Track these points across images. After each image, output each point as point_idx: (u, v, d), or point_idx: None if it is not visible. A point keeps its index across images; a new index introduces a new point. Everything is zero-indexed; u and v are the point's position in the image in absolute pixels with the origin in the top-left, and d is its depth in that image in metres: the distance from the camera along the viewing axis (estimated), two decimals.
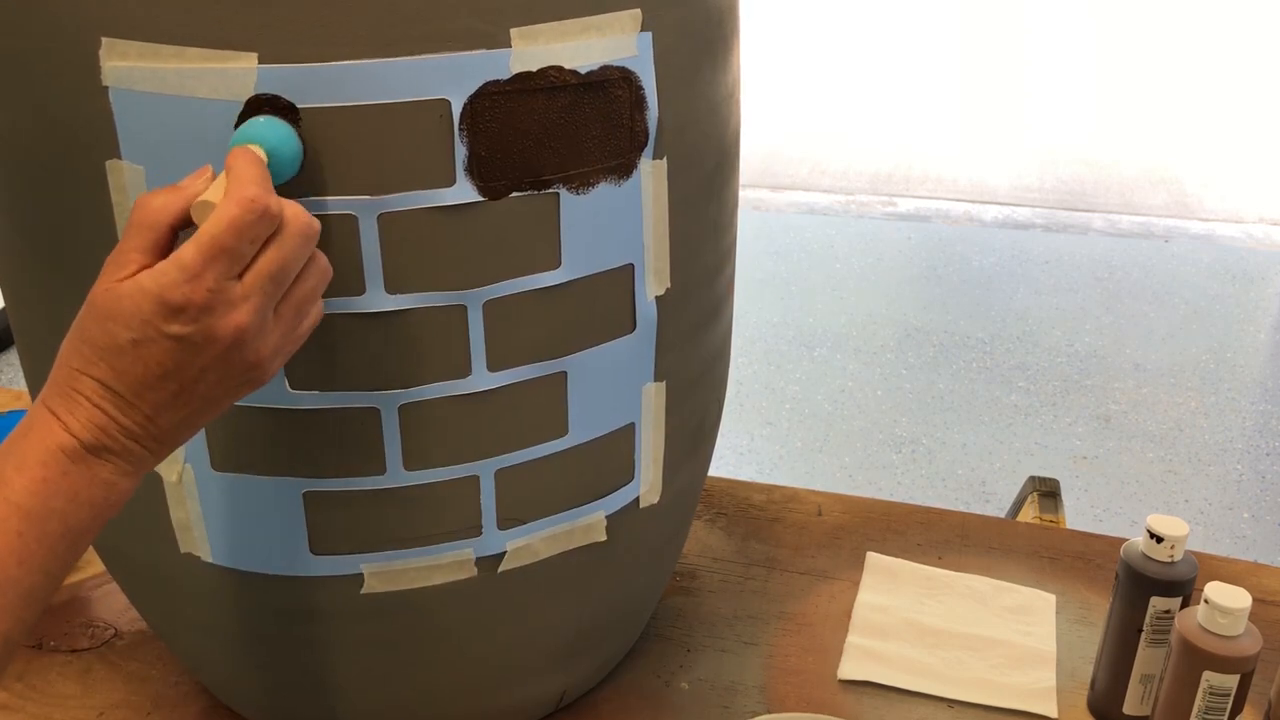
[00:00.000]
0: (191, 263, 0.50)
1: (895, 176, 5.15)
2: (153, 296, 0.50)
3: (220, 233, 0.50)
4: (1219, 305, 3.75)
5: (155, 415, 0.52)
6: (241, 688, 0.82)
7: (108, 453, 0.52)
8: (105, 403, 0.51)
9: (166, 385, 0.52)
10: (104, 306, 0.51)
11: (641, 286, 0.71)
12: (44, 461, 0.50)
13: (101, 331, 0.51)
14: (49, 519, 0.50)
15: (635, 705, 0.87)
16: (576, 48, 0.62)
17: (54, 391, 0.52)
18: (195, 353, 0.51)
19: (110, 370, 0.51)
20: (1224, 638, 0.73)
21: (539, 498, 0.72)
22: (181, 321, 0.50)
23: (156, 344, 0.51)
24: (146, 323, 0.50)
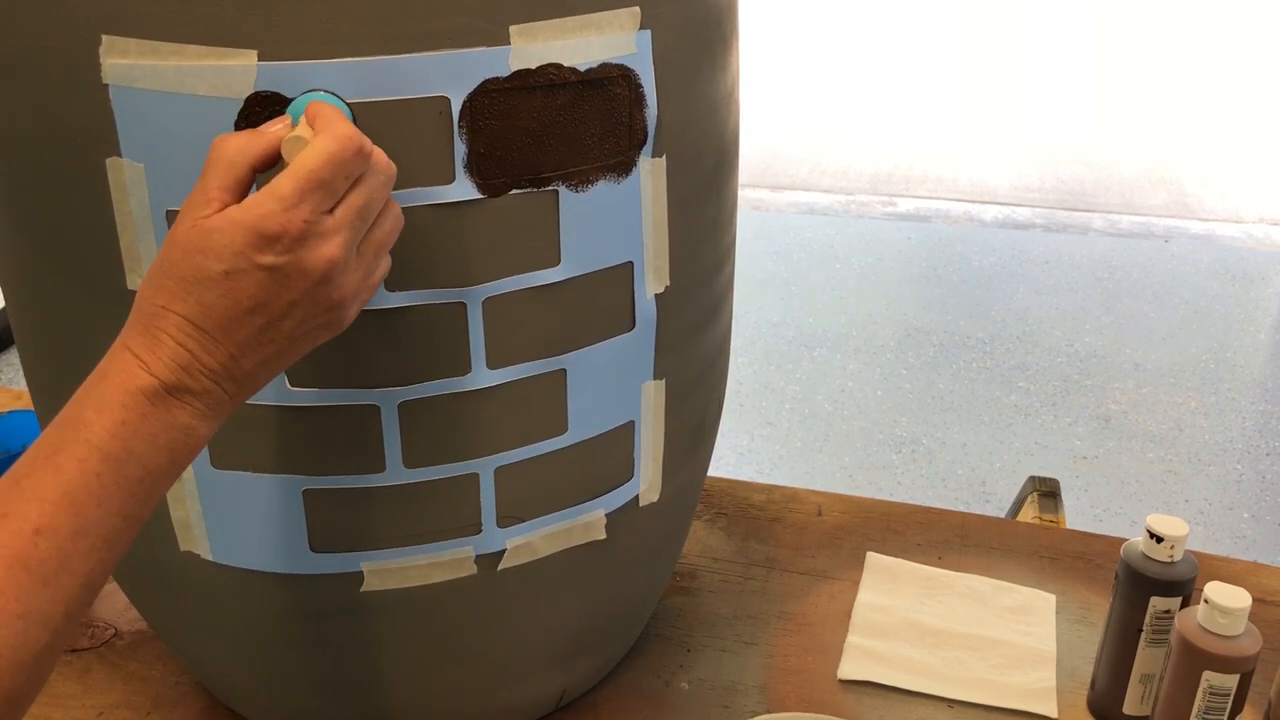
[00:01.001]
0: (289, 193, 0.50)
1: (895, 176, 5.15)
2: (246, 227, 0.50)
3: (318, 165, 0.51)
4: (1219, 305, 3.75)
5: (239, 354, 0.52)
6: (241, 688, 0.82)
7: (188, 394, 0.51)
8: (189, 340, 0.51)
9: (253, 320, 0.51)
10: (192, 240, 0.51)
11: (641, 285, 0.71)
12: (124, 404, 0.50)
13: (190, 265, 0.50)
14: (128, 462, 0.49)
15: (635, 705, 0.87)
16: (576, 45, 0.62)
17: (134, 331, 0.51)
18: (285, 285, 0.51)
19: (197, 304, 0.51)
20: (1224, 638, 0.73)
21: (539, 496, 0.72)
22: (275, 252, 0.50)
23: (248, 275, 0.50)
24: (239, 254, 0.50)
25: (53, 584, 0.47)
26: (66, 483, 0.48)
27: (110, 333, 0.65)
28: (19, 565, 0.46)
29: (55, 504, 0.47)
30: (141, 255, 0.62)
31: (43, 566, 0.47)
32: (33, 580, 0.46)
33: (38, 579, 0.46)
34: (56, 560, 0.47)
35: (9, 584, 0.46)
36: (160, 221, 0.60)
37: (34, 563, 0.46)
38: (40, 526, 0.47)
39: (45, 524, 0.47)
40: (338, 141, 0.51)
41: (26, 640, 0.46)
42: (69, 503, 0.48)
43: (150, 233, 0.61)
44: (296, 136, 0.52)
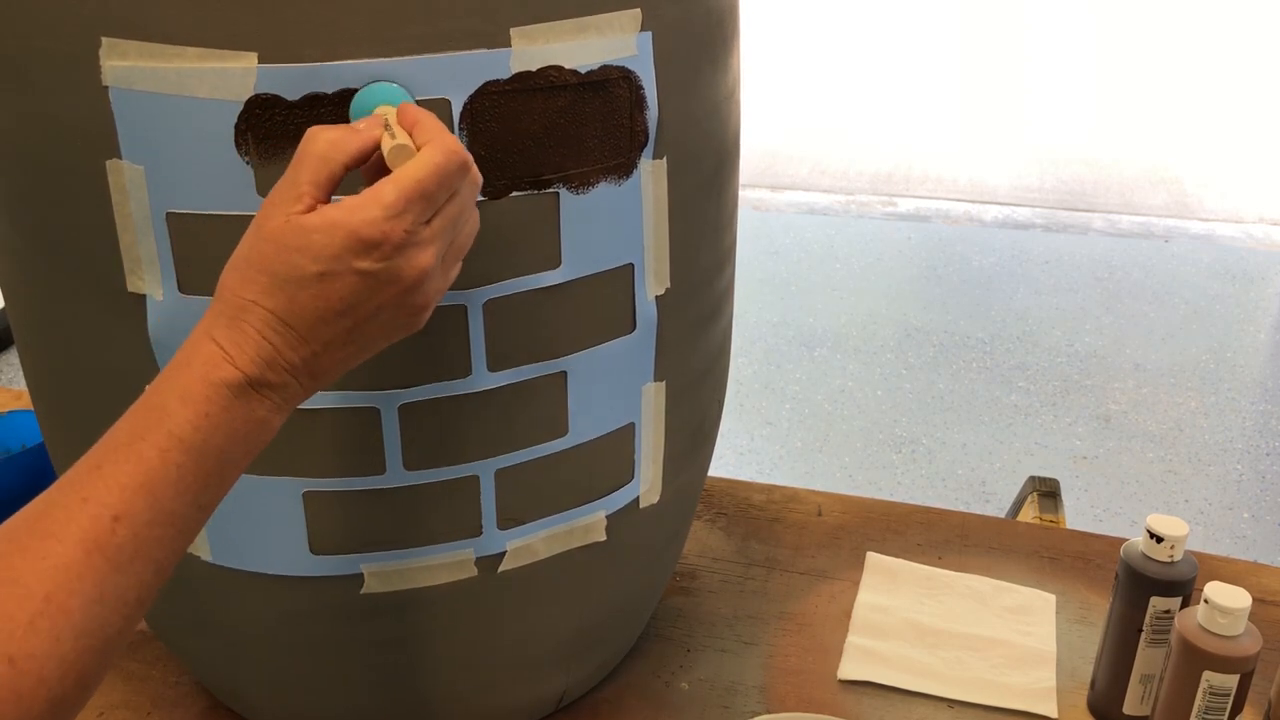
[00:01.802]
0: (394, 202, 0.51)
1: (895, 176, 5.15)
2: (347, 231, 0.50)
3: (425, 176, 0.51)
4: (1219, 305, 3.75)
5: (322, 352, 0.52)
6: (241, 688, 0.82)
7: (268, 388, 0.52)
8: (276, 336, 0.51)
9: (341, 321, 0.52)
10: (288, 238, 0.51)
11: (641, 286, 0.71)
12: (207, 396, 0.50)
13: (284, 262, 0.51)
14: (207, 454, 0.50)
15: (635, 705, 0.87)
16: (576, 47, 0.62)
17: (220, 322, 0.51)
18: (377, 290, 0.52)
19: (288, 302, 0.51)
20: (1224, 638, 0.73)
21: (539, 497, 0.72)
22: (373, 258, 0.51)
23: (342, 279, 0.51)
24: (336, 257, 0.50)
25: (127, 570, 0.47)
26: (147, 471, 0.48)
27: (110, 333, 0.65)
28: (97, 550, 0.46)
29: (135, 492, 0.48)
30: (141, 256, 0.62)
31: (119, 553, 0.47)
32: (109, 566, 0.47)
33: (114, 565, 0.47)
34: (133, 547, 0.47)
35: (87, 569, 0.46)
36: (160, 223, 0.61)
37: (111, 549, 0.47)
38: (119, 513, 0.47)
39: (124, 511, 0.47)
40: (445, 155, 0.52)
41: (101, 624, 0.46)
42: (148, 491, 0.48)
43: (150, 234, 0.61)
44: (402, 145, 0.52)
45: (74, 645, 0.45)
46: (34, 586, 0.45)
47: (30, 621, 0.44)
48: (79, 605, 0.45)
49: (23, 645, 0.44)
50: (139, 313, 0.63)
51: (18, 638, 0.44)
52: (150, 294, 0.63)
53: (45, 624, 0.44)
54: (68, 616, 0.45)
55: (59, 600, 0.45)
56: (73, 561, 0.46)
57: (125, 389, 0.66)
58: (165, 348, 0.64)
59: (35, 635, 0.44)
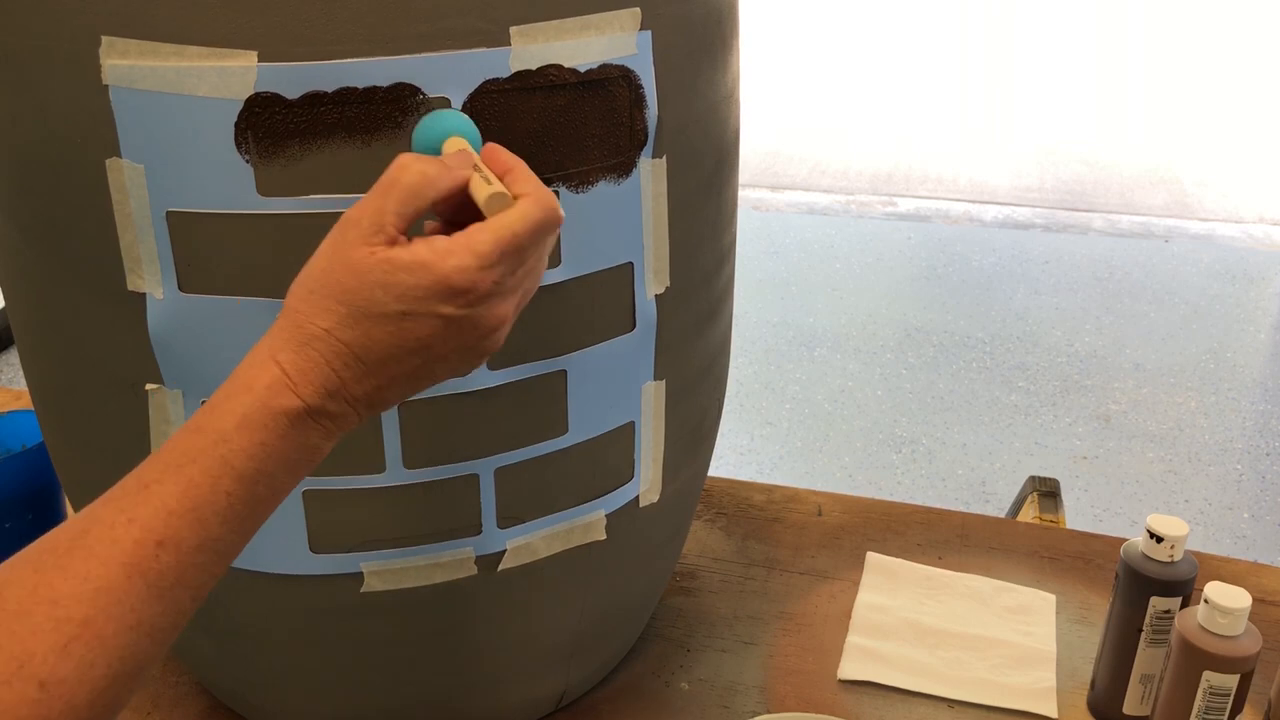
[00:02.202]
0: (488, 253, 0.50)
1: (895, 176, 5.15)
2: (437, 277, 0.50)
3: (523, 232, 0.51)
4: (1219, 305, 3.75)
5: (385, 386, 0.52)
6: (241, 687, 0.82)
7: (325, 417, 0.51)
8: (344, 368, 0.50)
9: (411, 360, 0.51)
10: (374, 274, 0.50)
11: (641, 285, 0.71)
12: (266, 424, 0.49)
13: (365, 297, 0.50)
14: (258, 482, 0.49)
15: (635, 705, 0.87)
16: (576, 46, 0.62)
17: (288, 347, 0.50)
18: (455, 335, 0.51)
19: (364, 336, 0.50)
20: (1224, 638, 0.73)
21: (539, 496, 0.72)
22: (457, 304, 0.50)
23: (424, 320, 0.50)
24: (421, 300, 0.50)
25: (167, 597, 0.46)
26: (196, 498, 0.47)
27: (110, 332, 0.65)
28: (139, 575, 0.45)
29: (182, 518, 0.47)
30: (141, 256, 0.62)
31: (161, 579, 0.46)
32: (150, 592, 0.46)
33: (155, 591, 0.46)
34: (175, 574, 0.46)
35: (127, 594, 0.45)
36: (160, 222, 0.60)
37: (153, 575, 0.46)
38: (164, 539, 0.46)
39: (169, 537, 0.46)
40: (544, 212, 0.52)
41: (134, 651, 0.45)
42: (196, 518, 0.47)
43: (150, 233, 0.61)
44: (500, 193, 0.52)
45: (106, 672, 0.44)
46: (73, 609, 0.44)
47: (65, 646, 0.43)
48: (114, 631, 0.44)
49: (55, 670, 0.43)
50: (139, 312, 0.63)
51: (51, 662, 0.43)
52: (150, 293, 0.63)
53: (80, 649, 0.43)
54: (103, 643, 0.44)
55: (96, 625, 0.44)
56: (113, 585, 0.45)
57: (125, 388, 0.66)
58: (165, 347, 0.64)
59: (69, 660, 0.43)
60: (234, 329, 0.62)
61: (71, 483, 0.77)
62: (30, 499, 0.95)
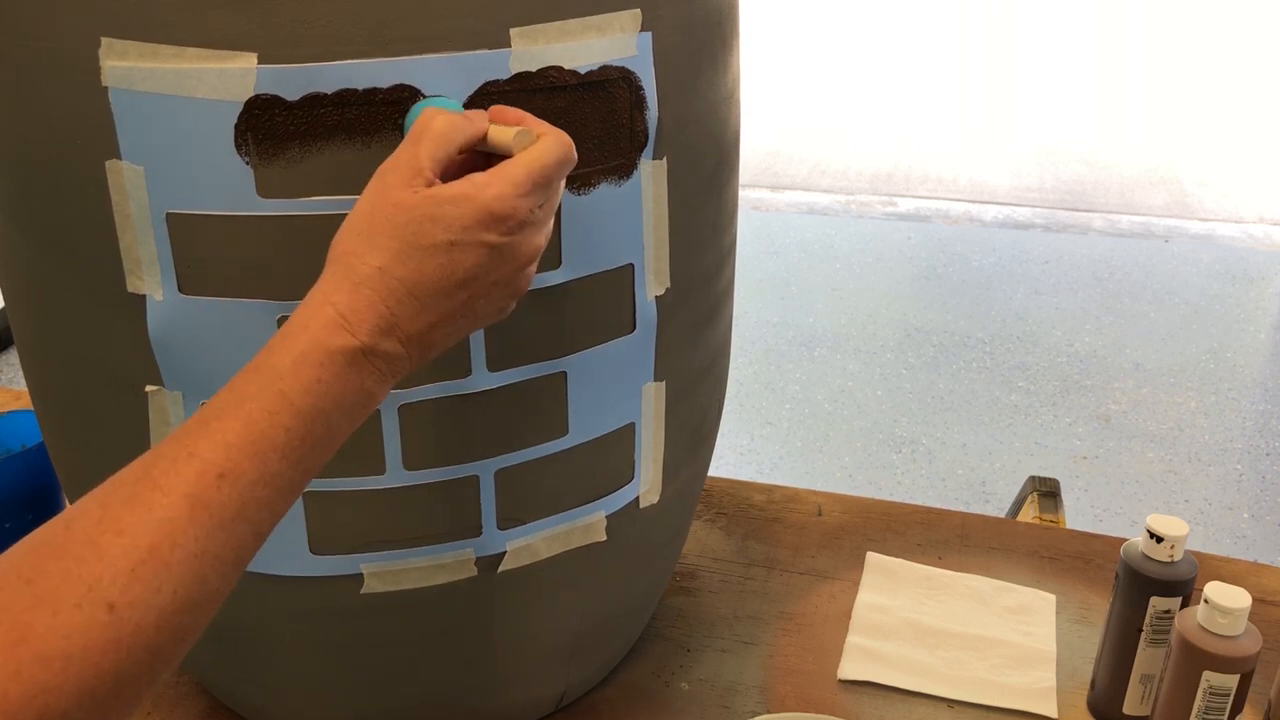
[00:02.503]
0: (523, 180, 0.54)
1: (895, 176, 5.15)
2: (480, 205, 0.53)
3: (550, 164, 0.55)
4: (1219, 305, 3.75)
5: (437, 323, 0.54)
6: (241, 688, 0.82)
7: (379, 357, 0.52)
8: (398, 305, 0.52)
9: (460, 293, 0.54)
10: (422, 208, 0.52)
11: (641, 286, 0.71)
12: (322, 362, 0.50)
13: (415, 231, 0.52)
14: (316, 419, 0.50)
15: (635, 705, 0.87)
16: (576, 48, 0.62)
17: (342, 288, 0.52)
18: (498, 264, 0.54)
19: (415, 271, 0.52)
20: (1224, 638, 0.73)
21: (539, 498, 0.72)
22: (499, 231, 0.53)
23: (470, 249, 0.53)
24: (467, 228, 0.53)
25: (229, 528, 0.48)
26: (255, 432, 0.49)
27: (110, 333, 0.65)
28: (201, 506, 0.47)
29: (242, 451, 0.48)
30: (141, 257, 0.62)
31: (223, 510, 0.47)
32: (213, 523, 0.47)
33: (217, 522, 0.47)
34: (236, 506, 0.48)
35: (189, 524, 0.46)
36: (160, 223, 0.61)
37: (216, 506, 0.47)
38: (225, 471, 0.47)
39: (230, 469, 0.48)
40: (564, 146, 0.56)
41: (199, 580, 0.46)
42: (255, 452, 0.48)
43: (150, 234, 0.61)
44: (525, 130, 0.56)
45: (172, 598, 0.45)
46: (139, 537, 0.45)
47: (132, 570, 0.44)
48: (179, 559, 0.46)
49: (124, 593, 0.44)
50: (139, 313, 0.63)
51: (119, 585, 0.44)
52: (150, 294, 0.63)
53: (146, 574, 0.45)
54: (168, 569, 0.45)
55: (161, 553, 0.45)
56: (177, 515, 0.46)
57: (125, 389, 0.66)
58: (165, 348, 0.64)
59: (136, 584, 0.44)
60: (234, 331, 0.62)
61: (71, 483, 0.77)
62: (30, 499, 0.95)
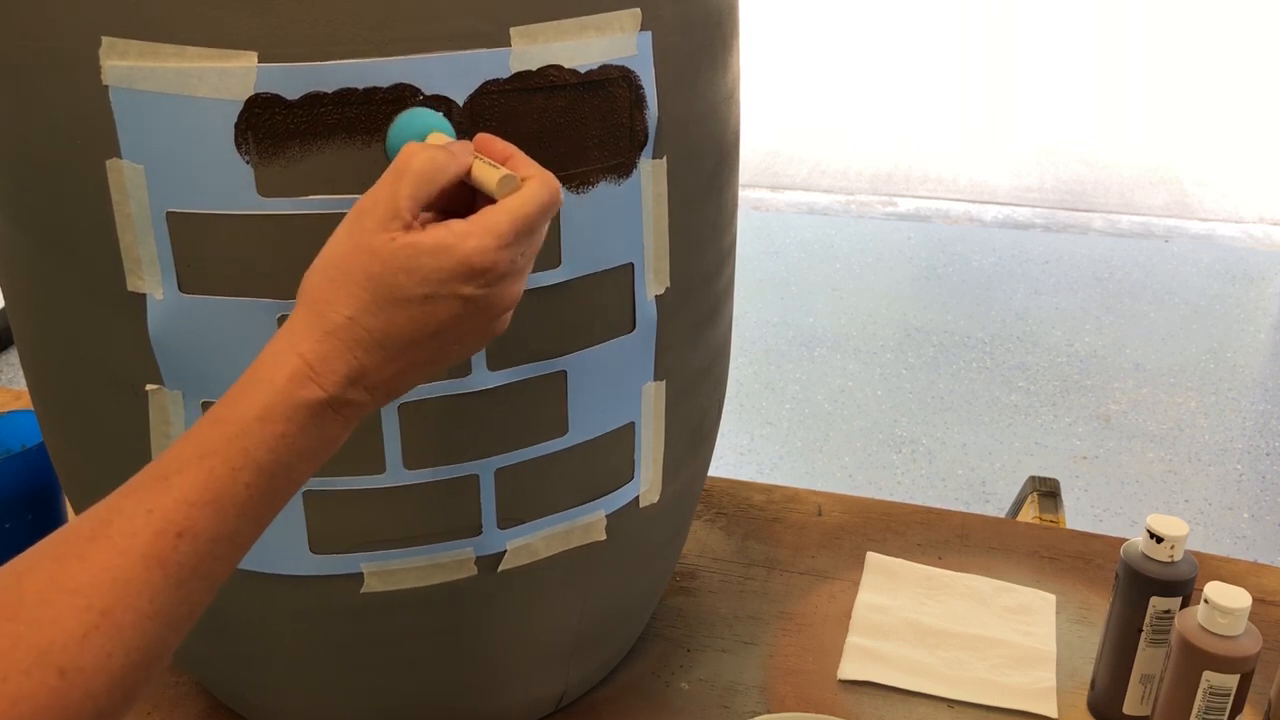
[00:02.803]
0: (505, 232, 0.52)
1: (895, 176, 5.15)
2: (459, 258, 0.51)
3: (533, 212, 0.53)
4: (1219, 305, 3.75)
5: (404, 371, 0.52)
6: (241, 688, 0.82)
7: (346, 406, 0.51)
8: (366, 355, 0.51)
9: (431, 343, 0.52)
10: (397, 259, 0.50)
11: (641, 286, 0.71)
12: (288, 416, 0.49)
13: (388, 282, 0.50)
14: (277, 474, 0.49)
15: (635, 705, 0.87)
16: (576, 47, 0.62)
17: (310, 337, 0.51)
18: (473, 315, 0.52)
19: (387, 322, 0.51)
20: (1224, 638, 0.73)
21: (539, 497, 0.72)
22: (477, 284, 0.52)
23: (446, 302, 0.51)
24: (444, 281, 0.51)
25: (185, 587, 0.47)
26: (217, 490, 0.48)
27: (110, 333, 0.65)
28: (157, 566, 0.46)
29: (202, 509, 0.47)
30: (141, 256, 0.62)
31: (179, 569, 0.46)
32: (168, 583, 0.46)
33: (173, 582, 0.46)
34: (192, 564, 0.47)
35: (146, 584, 0.45)
36: (160, 222, 0.61)
37: (172, 565, 0.46)
38: (184, 530, 0.47)
39: (188, 528, 0.47)
40: (550, 192, 0.54)
41: (152, 641, 0.46)
42: (215, 510, 0.48)
43: (150, 234, 0.61)
44: (509, 175, 0.54)
45: (124, 661, 0.44)
46: (93, 599, 0.44)
47: (85, 635, 0.43)
48: (133, 621, 0.45)
49: (75, 659, 0.43)
50: (139, 313, 0.63)
51: (71, 650, 0.43)
52: (150, 294, 0.63)
53: (99, 638, 0.44)
54: (121, 632, 0.44)
55: (115, 615, 0.44)
56: (133, 576, 0.45)
57: (125, 389, 0.66)
58: (165, 348, 0.64)
59: (88, 649, 0.43)
60: (234, 330, 0.62)
61: (71, 483, 0.77)
62: (30, 499, 0.95)
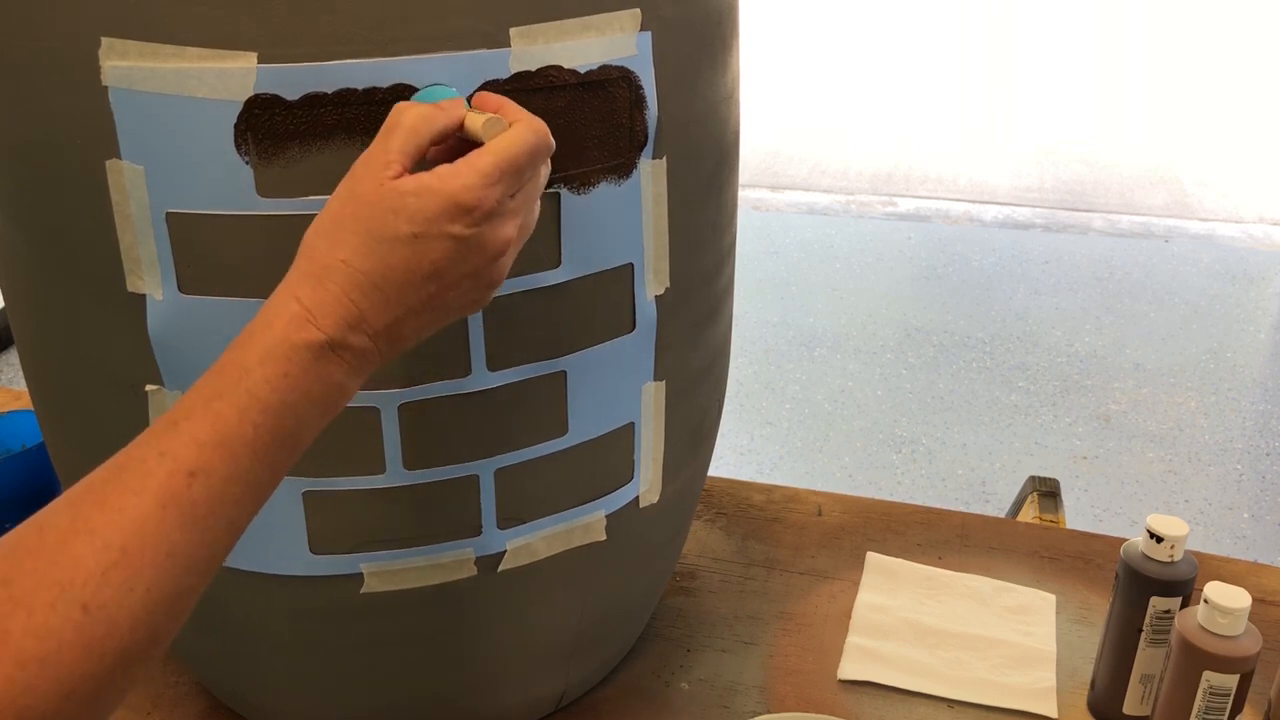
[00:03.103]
0: (489, 170, 0.52)
1: (895, 176, 5.15)
2: (444, 195, 0.52)
3: (519, 151, 0.53)
4: (1219, 305, 3.75)
5: (404, 317, 0.53)
6: (241, 688, 0.82)
7: (349, 351, 0.52)
8: (364, 298, 0.52)
9: (427, 286, 0.53)
10: (384, 200, 0.52)
11: (641, 286, 0.71)
12: (288, 356, 0.50)
13: (378, 224, 0.51)
14: (285, 414, 0.50)
15: (635, 705, 0.87)
16: (576, 47, 0.62)
17: (306, 282, 0.51)
18: (465, 256, 0.53)
19: (380, 263, 0.51)
20: (1224, 638, 0.73)
21: (539, 497, 0.72)
22: (464, 223, 0.52)
23: (435, 242, 0.52)
24: (431, 219, 0.52)
25: (201, 526, 0.48)
26: (224, 429, 0.48)
27: (110, 333, 0.65)
28: (172, 505, 0.47)
29: (212, 449, 0.48)
30: (141, 256, 0.62)
31: (195, 508, 0.47)
32: (183, 521, 0.47)
33: (189, 520, 0.47)
34: (207, 504, 0.48)
35: (161, 523, 0.46)
36: (160, 223, 0.61)
37: (187, 504, 0.47)
38: (195, 469, 0.47)
39: (200, 467, 0.48)
40: (536, 134, 0.54)
41: (173, 579, 0.47)
42: (225, 449, 0.48)
43: (150, 234, 0.61)
44: (495, 118, 0.55)
45: (145, 597, 0.45)
46: (110, 538, 0.45)
47: (104, 572, 0.44)
48: (152, 559, 0.46)
49: (96, 594, 0.44)
50: (139, 313, 0.63)
51: (92, 586, 0.44)
52: (150, 294, 0.63)
53: (119, 575, 0.45)
54: (140, 569, 0.45)
55: (133, 553, 0.45)
56: (148, 515, 0.46)
57: (125, 389, 0.66)
58: (165, 348, 0.64)
59: (108, 585, 0.44)
60: (234, 330, 0.62)
61: (71, 483, 0.77)
62: (30, 499, 0.95)
